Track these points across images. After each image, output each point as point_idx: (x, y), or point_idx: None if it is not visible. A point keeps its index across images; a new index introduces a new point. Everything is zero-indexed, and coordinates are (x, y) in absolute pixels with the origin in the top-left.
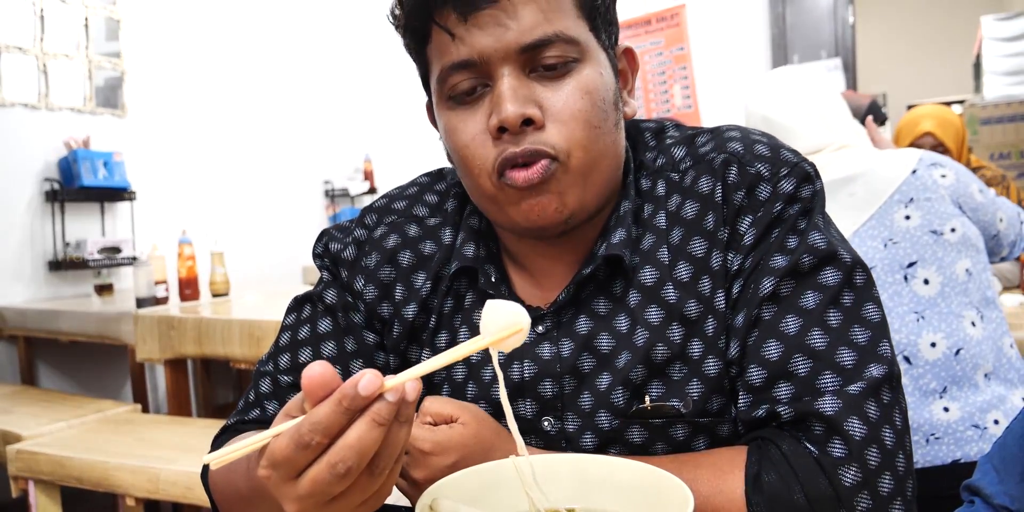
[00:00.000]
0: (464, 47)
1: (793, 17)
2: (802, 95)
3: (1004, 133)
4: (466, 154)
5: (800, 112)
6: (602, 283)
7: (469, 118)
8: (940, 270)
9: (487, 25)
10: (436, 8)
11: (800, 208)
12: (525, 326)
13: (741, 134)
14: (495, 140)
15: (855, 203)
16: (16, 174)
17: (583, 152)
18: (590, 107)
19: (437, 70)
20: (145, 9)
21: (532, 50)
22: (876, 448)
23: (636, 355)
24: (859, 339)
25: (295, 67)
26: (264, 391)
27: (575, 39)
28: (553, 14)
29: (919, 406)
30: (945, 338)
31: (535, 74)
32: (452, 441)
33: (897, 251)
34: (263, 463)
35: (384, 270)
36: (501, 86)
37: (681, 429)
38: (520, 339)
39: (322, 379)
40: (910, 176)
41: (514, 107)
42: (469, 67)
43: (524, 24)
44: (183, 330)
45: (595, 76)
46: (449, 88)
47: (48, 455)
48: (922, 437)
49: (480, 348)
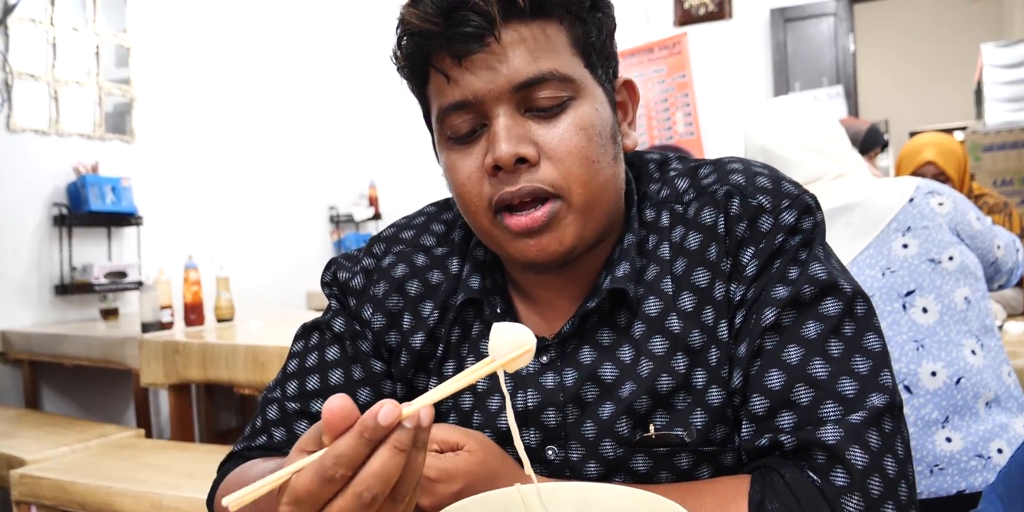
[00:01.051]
0: (459, 89)
1: (794, 45)
2: (799, 125)
3: (1006, 160)
4: (463, 191)
5: (797, 143)
6: (606, 314)
7: (467, 156)
8: (939, 299)
9: (480, 67)
10: (432, 52)
11: (801, 239)
12: (532, 346)
13: (743, 166)
14: (491, 178)
15: (852, 232)
16: (25, 199)
17: (583, 188)
18: (586, 143)
19: (436, 110)
20: (155, 37)
21: (525, 89)
22: (878, 477)
23: (641, 385)
24: (860, 368)
25: (300, 94)
26: (271, 418)
27: (569, 77)
28: (545, 53)
29: (922, 436)
30: (945, 367)
31: (530, 113)
32: (458, 468)
33: (895, 280)
34: (285, 500)
35: (392, 299)
36: (496, 126)
37: (685, 458)
38: (528, 359)
39: (342, 412)
40: (907, 204)
41: (508, 146)
42: (465, 107)
43: (516, 65)
44: (187, 355)
45: (590, 112)
46: (449, 128)
47: (51, 480)
48: (925, 468)
49: (490, 371)
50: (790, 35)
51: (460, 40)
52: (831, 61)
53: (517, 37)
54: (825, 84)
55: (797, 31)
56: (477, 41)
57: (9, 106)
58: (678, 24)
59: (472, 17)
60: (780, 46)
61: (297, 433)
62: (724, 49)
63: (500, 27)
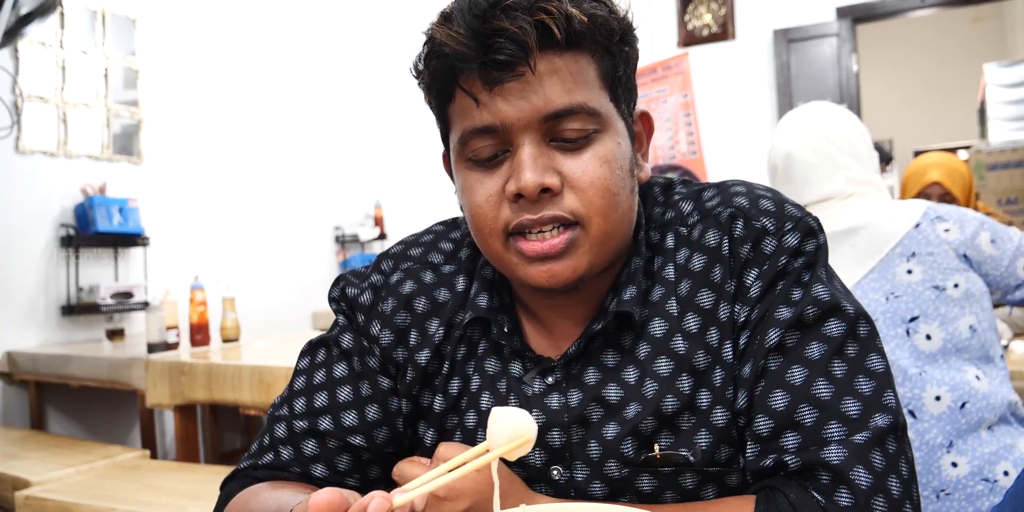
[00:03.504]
0: (487, 114)
1: (797, 65)
2: (823, 135)
3: (1011, 179)
4: (479, 213)
5: (820, 154)
6: (612, 336)
7: (487, 179)
8: (943, 326)
9: (511, 95)
10: (462, 74)
11: (804, 261)
12: (532, 436)
13: (746, 189)
14: (510, 203)
15: (857, 255)
16: (33, 220)
17: (603, 219)
18: (609, 175)
19: (459, 131)
20: (163, 59)
21: (554, 120)
22: (883, 498)
23: (646, 406)
24: (864, 389)
25: (307, 115)
26: (279, 436)
27: (596, 110)
28: (576, 85)
29: (927, 461)
30: (950, 391)
31: (555, 143)
32: (465, 487)
33: (899, 305)
34: None
35: (400, 316)
36: (522, 154)
37: (690, 478)
38: (527, 448)
39: (329, 507)
40: (912, 230)
41: (533, 176)
42: (491, 133)
43: (548, 95)
44: (193, 376)
45: (613, 145)
46: (471, 151)
47: (56, 501)
48: (932, 493)
49: (488, 460)
50: (793, 56)
51: (494, 67)
52: (834, 81)
53: (551, 67)
54: None
55: (800, 52)
56: (511, 69)
57: (18, 128)
58: (681, 45)
59: (508, 45)
60: (783, 67)
61: (304, 452)
62: (727, 70)
63: (536, 57)
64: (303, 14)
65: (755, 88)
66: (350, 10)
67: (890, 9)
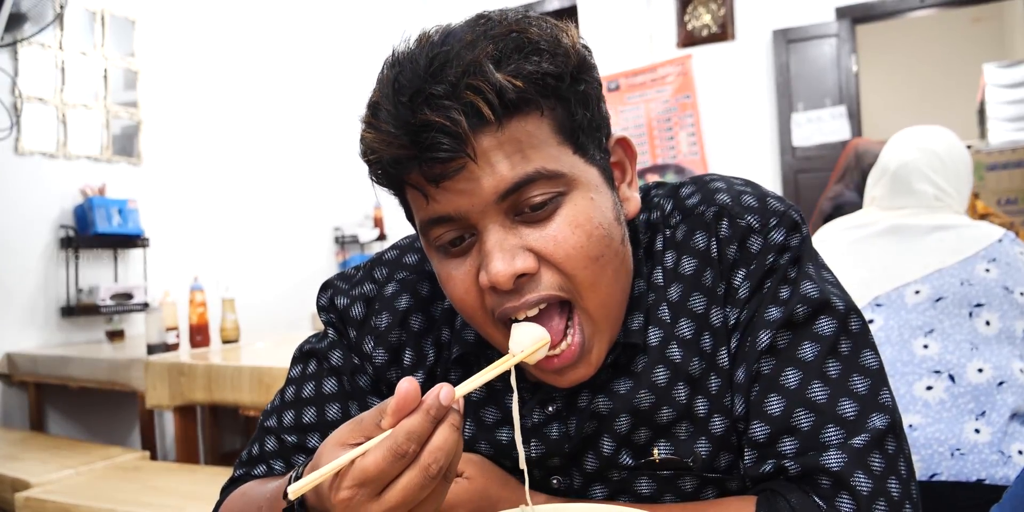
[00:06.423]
0: (439, 206)
1: (797, 66)
2: (928, 164)
3: (1011, 179)
4: (462, 306)
5: (922, 180)
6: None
7: (460, 265)
8: (1002, 319)
9: (460, 183)
10: (405, 174)
11: (791, 257)
12: (547, 339)
13: (726, 185)
14: (491, 293)
15: (943, 248)
16: (33, 221)
17: (593, 292)
18: (586, 241)
19: (419, 219)
20: (162, 60)
21: (513, 194)
22: (884, 501)
23: (641, 418)
24: (859, 388)
25: (306, 116)
26: (269, 449)
27: (557, 171)
28: (529, 152)
29: (953, 421)
30: (993, 369)
31: (520, 217)
32: (458, 498)
33: (970, 291)
34: (347, 484)
35: (394, 334)
36: (486, 242)
37: (690, 481)
38: (544, 352)
39: (414, 394)
40: (996, 242)
41: (504, 266)
42: (449, 221)
43: (498, 173)
44: (193, 377)
45: (585, 204)
46: (434, 239)
47: (56, 503)
48: (947, 450)
49: (515, 362)
50: (793, 56)
51: (434, 163)
52: (834, 82)
53: (495, 143)
54: (828, 104)
55: (799, 52)
56: (451, 163)
57: (18, 129)
58: (681, 45)
59: (441, 140)
60: (783, 67)
61: (296, 465)
62: (727, 70)
63: (473, 144)
64: (302, 16)
65: (754, 88)
66: (350, 11)
67: (889, 9)
